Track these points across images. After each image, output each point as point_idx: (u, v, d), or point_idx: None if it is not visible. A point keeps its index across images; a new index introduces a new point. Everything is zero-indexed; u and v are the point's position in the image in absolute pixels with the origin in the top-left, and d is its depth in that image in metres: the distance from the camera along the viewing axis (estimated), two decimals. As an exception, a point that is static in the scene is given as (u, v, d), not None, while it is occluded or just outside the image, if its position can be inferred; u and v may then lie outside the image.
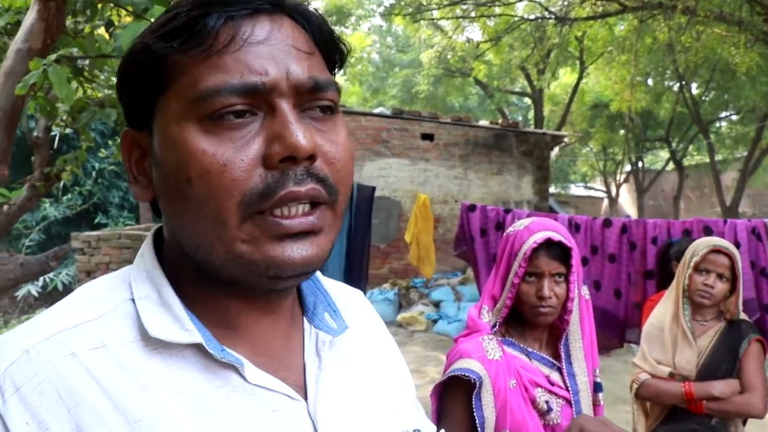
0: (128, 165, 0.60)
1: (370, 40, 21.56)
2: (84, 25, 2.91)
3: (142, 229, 8.19)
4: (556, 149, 14.21)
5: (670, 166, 20.93)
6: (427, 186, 9.13)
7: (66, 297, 0.58)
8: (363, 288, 5.49)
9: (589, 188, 26.44)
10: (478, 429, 1.35)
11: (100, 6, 2.72)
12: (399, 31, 20.46)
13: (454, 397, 1.42)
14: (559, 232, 1.47)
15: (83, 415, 0.49)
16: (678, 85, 16.04)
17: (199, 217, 0.53)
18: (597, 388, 1.55)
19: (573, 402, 1.47)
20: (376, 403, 0.66)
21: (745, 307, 2.49)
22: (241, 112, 0.52)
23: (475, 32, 16.14)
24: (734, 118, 18.48)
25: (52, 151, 4.53)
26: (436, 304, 8.26)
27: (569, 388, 1.48)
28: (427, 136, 9.35)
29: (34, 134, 4.35)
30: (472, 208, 4.10)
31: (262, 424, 0.55)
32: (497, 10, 11.44)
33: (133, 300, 0.56)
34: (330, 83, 0.57)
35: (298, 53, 0.55)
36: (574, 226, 3.90)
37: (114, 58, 2.69)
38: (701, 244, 2.23)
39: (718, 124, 19.44)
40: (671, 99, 16.93)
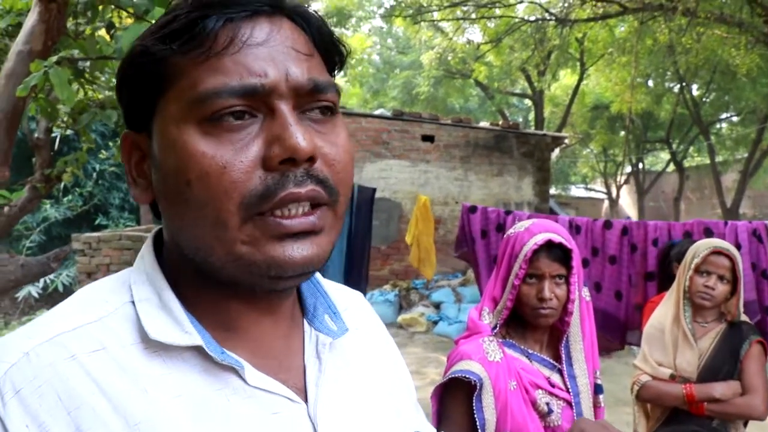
0: (128, 167, 0.60)
1: (371, 42, 21.57)
2: (85, 27, 2.91)
3: (142, 230, 8.19)
4: (557, 151, 14.22)
5: (671, 167, 20.93)
6: (428, 187, 9.13)
7: (66, 299, 0.58)
8: (363, 289, 5.49)
9: (590, 190, 26.43)
10: (479, 431, 1.35)
11: (101, 8, 2.72)
12: (399, 32, 20.48)
13: (454, 399, 1.42)
14: (559, 234, 1.47)
15: (83, 418, 0.49)
16: (678, 86, 16.06)
17: (199, 219, 0.53)
18: (598, 389, 1.55)
19: (573, 404, 1.47)
20: (376, 406, 0.66)
21: (746, 309, 2.48)
22: (240, 114, 0.52)
23: (475, 34, 16.13)
24: (735, 119, 18.49)
25: (52, 153, 4.53)
26: (437, 306, 8.25)
27: (570, 390, 1.47)
28: (428, 138, 9.36)
29: (35, 136, 4.35)
30: (472, 209, 4.10)
31: (263, 427, 0.55)
32: (498, 12, 11.46)
33: (133, 302, 0.56)
34: (329, 85, 0.57)
35: (298, 55, 0.55)
36: (574, 228, 3.90)
37: (115, 60, 2.69)
38: (702, 246, 2.23)
39: (718, 126, 19.45)
40: (672, 100, 16.93)
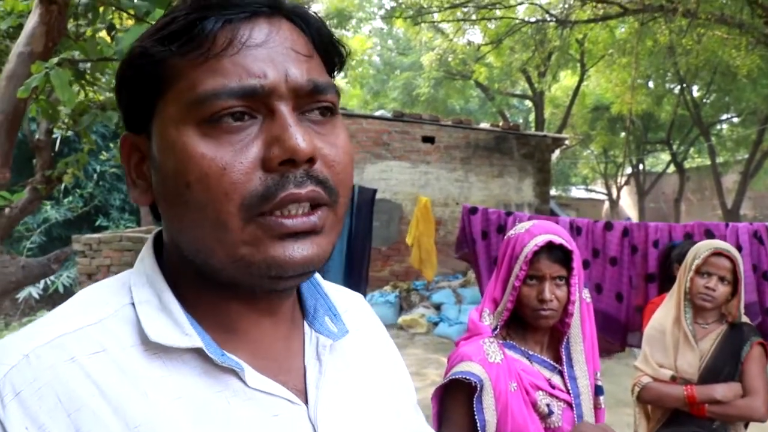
0: (127, 169, 0.60)
1: (371, 43, 21.56)
2: (86, 29, 2.91)
3: (143, 231, 8.20)
4: (557, 152, 14.21)
5: (671, 168, 20.93)
6: (428, 188, 9.13)
7: (66, 301, 0.58)
8: (363, 290, 5.48)
9: (590, 191, 26.43)
10: (479, 432, 1.35)
11: (101, 9, 2.72)
12: (400, 33, 20.49)
13: (455, 401, 1.42)
14: (560, 235, 1.47)
15: (83, 420, 0.49)
16: (679, 87, 16.06)
17: (199, 221, 0.53)
18: (598, 391, 1.55)
19: (574, 405, 1.46)
20: (376, 408, 0.66)
21: (747, 311, 2.48)
22: (239, 116, 0.52)
23: (475, 35, 16.15)
24: (735, 120, 18.49)
25: (53, 154, 4.53)
26: (437, 307, 8.25)
27: (570, 391, 1.47)
28: (428, 139, 9.36)
29: (36, 137, 4.35)
30: (473, 210, 4.10)
31: (263, 429, 0.55)
32: (498, 13, 11.46)
33: (133, 304, 0.56)
34: (329, 86, 0.56)
35: (297, 56, 0.55)
36: (575, 229, 3.90)
37: (115, 62, 2.69)
38: (703, 247, 2.23)
39: (719, 127, 19.45)
40: (672, 101, 16.93)
